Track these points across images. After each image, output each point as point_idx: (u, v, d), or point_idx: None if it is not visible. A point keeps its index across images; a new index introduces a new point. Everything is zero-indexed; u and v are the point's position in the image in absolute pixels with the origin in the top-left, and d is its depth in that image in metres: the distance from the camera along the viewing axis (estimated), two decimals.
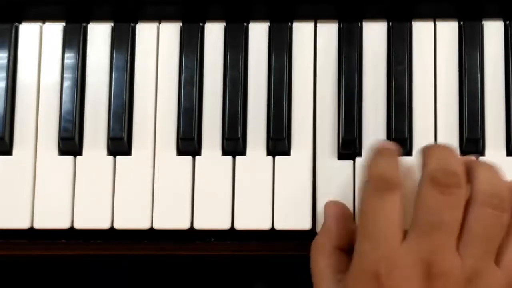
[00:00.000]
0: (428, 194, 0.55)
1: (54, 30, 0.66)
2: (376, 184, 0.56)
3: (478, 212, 0.55)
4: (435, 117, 0.64)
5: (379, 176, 0.56)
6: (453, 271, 0.54)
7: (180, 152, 0.64)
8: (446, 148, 0.58)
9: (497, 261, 0.56)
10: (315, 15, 0.65)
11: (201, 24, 0.65)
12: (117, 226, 0.63)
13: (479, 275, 0.54)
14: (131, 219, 0.63)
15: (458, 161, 0.57)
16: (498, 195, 0.56)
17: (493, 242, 0.56)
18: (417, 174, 0.58)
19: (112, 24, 0.66)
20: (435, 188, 0.55)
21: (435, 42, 0.65)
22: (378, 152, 0.59)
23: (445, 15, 0.65)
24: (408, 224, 0.56)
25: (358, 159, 0.63)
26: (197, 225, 0.63)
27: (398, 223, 0.55)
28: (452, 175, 0.55)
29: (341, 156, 0.63)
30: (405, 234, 0.56)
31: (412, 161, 0.60)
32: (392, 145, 0.60)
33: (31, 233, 0.64)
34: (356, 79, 0.63)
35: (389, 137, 0.63)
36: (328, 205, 0.62)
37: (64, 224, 0.63)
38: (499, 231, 0.56)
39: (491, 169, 0.58)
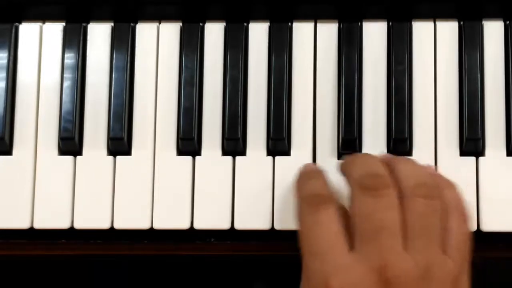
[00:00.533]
0: (361, 201, 0.55)
1: (54, 30, 0.66)
2: (309, 201, 0.57)
3: (411, 206, 0.56)
4: (435, 117, 0.64)
5: (310, 194, 0.57)
6: (407, 272, 0.53)
7: (180, 152, 0.64)
8: (364, 155, 0.60)
9: (444, 249, 0.56)
10: (315, 15, 0.65)
11: (201, 24, 0.65)
12: (117, 226, 0.63)
13: (431, 269, 0.54)
14: (131, 219, 0.63)
15: (378, 163, 0.58)
16: (424, 184, 0.56)
17: (434, 231, 0.56)
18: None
19: (112, 24, 0.66)
20: (365, 194, 0.55)
21: (435, 42, 0.65)
22: (304, 175, 0.60)
23: (445, 15, 0.65)
24: None
25: None
26: (197, 225, 0.63)
27: (339, 234, 0.55)
28: (378, 177, 0.56)
29: (341, 156, 0.63)
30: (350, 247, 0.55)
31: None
32: (316, 167, 0.61)
33: (31, 233, 0.64)
34: (356, 79, 0.63)
35: (389, 137, 0.63)
36: None
37: (64, 224, 0.63)
38: (436, 218, 0.56)
39: (409, 162, 0.59)
